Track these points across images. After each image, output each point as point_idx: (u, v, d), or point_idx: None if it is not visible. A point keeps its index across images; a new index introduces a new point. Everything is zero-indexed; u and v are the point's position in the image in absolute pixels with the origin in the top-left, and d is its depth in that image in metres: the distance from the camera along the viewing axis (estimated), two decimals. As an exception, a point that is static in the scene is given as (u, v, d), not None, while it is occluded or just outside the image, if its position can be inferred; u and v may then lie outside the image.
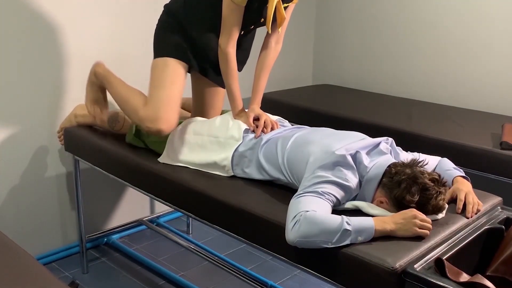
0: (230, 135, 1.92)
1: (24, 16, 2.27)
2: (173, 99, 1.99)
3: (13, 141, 2.37)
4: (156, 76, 2.04)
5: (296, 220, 1.42)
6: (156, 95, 1.99)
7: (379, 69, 3.40)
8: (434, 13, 3.06)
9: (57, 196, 2.57)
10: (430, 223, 1.43)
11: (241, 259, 2.60)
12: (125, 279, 2.47)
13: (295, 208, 1.47)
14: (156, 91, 2.00)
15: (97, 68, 2.21)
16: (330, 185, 1.53)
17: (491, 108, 2.88)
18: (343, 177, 1.55)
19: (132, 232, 2.91)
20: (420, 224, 1.40)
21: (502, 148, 2.20)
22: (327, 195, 1.51)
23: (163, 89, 1.99)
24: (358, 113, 2.77)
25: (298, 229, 1.41)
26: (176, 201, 1.92)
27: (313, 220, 1.40)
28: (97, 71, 2.21)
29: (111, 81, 2.17)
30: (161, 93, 1.99)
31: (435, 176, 1.51)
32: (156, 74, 2.04)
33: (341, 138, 1.71)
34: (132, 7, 2.63)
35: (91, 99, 2.26)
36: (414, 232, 1.40)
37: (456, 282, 1.22)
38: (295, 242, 1.42)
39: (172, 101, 1.99)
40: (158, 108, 1.96)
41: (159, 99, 1.97)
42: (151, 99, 1.99)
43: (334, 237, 1.37)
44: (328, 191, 1.52)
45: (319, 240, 1.39)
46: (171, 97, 1.99)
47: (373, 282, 1.32)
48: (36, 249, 2.51)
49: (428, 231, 1.41)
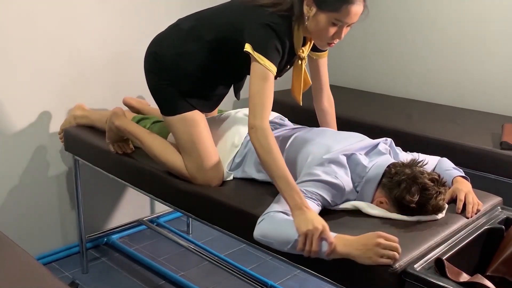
0: (230, 142, 1.90)
1: (24, 16, 2.27)
2: (210, 153, 1.82)
3: (13, 141, 2.37)
4: (181, 138, 1.85)
5: (263, 218, 1.48)
6: (195, 161, 1.81)
7: (379, 69, 3.40)
8: (434, 13, 3.06)
9: (57, 196, 2.57)
10: (397, 249, 1.30)
11: (241, 259, 2.59)
12: (125, 279, 2.47)
13: (273, 203, 1.52)
14: (193, 157, 1.82)
15: (117, 122, 2.01)
16: (319, 183, 1.54)
17: (491, 108, 2.88)
18: (332, 175, 1.55)
19: (132, 232, 2.90)
20: (382, 253, 1.29)
21: (502, 148, 2.20)
22: (312, 194, 1.52)
23: (197, 152, 1.81)
24: (358, 113, 2.76)
25: (260, 227, 1.48)
26: (176, 201, 1.92)
27: (272, 225, 1.46)
28: (119, 126, 2.01)
29: (140, 139, 1.98)
30: (199, 158, 1.81)
31: (434, 176, 1.52)
32: (179, 136, 1.85)
33: (341, 139, 1.72)
34: (132, 6, 2.63)
35: (113, 141, 2.08)
36: (374, 261, 1.29)
37: (456, 282, 1.23)
38: (256, 238, 1.49)
39: (211, 156, 1.82)
40: (205, 173, 1.80)
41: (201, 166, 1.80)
42: (192, 164, 1.82)
43: (287, 246, 1.42)
44: (313, 190, 1.53)
45: (275, 244, 1.45)
46: (208, 155, 1.81)
47: (373, 282, 1.32)
48: (36, 249, 2.51)
49: (394, 257, 1.29)
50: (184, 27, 1.86)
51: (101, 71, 2.58)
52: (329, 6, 1.60)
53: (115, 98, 2.58)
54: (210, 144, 1.85)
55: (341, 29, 1.65)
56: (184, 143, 1.84)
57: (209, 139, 1.85)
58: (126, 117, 2.08)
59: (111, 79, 2.63)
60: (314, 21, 1.64)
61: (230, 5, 1.84)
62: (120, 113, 2.05)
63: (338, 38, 1.67)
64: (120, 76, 2.65)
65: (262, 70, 1.61)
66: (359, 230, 1.47)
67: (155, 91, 1.91)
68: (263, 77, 1.61)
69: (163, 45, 1.89)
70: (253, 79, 1.63)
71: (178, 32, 1.87)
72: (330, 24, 1.63)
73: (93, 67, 2.54)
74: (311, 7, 1.63)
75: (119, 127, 2.02)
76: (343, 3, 1.59)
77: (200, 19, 1.86)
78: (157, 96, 1.91)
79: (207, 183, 1.82)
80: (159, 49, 1.89)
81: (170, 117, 1.86)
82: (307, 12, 1.64)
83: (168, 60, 1.85)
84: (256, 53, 1.62)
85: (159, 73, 1.87)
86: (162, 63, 1.86)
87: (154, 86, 1.91)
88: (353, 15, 1.61)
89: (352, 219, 1.55)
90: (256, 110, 1.60)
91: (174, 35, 1.88)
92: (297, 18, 1.68)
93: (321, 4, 1.61)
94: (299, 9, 1.66)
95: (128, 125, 2.02)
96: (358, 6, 1.60)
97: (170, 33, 1.91)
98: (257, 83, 1.62)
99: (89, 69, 2.53)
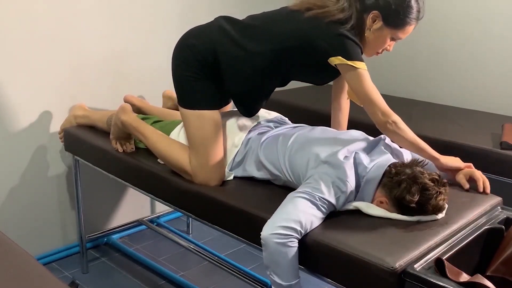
0: (231, 143, 1.91)
1: (24, 16, 2.27)
2: (218, 156, 1.85)
3: (13, 141, 2.37)
4: (194, 133, 1.86)
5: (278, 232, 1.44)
6: (201, 158, 1.83)
7: (379, 69, 3.39)
8: (434, 13, 3.06)
9: (57, 196, 2.57)
10: None
11: (241, 259, 2.59)
12: (125, 279, 2.47)
13: (285, 210, 1.49)
14: (200, 154, 1.83)
15: (123, 117, 2.03)
16: (330, 188, 1.53)
17: (491, 108, 2.88)
18: (344, 179, 1.55)
19: (132, 232, 2.90)
20: None
21: (502, 148, 2.20)
22: (322, 202, 1.51)
23: (206, 150, 1.83)
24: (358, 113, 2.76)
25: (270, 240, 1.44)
26: (176, 201, 1.92)
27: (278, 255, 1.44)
28: (124, 121, 2.02)
29: (145, 134, 1.99)
30: (205, 156, 1.82)
31: (435, 176, 1.52)
32: (193, 131, 1.86)
33: (343, 138, 1.72)
34: (132, 6, 2.63)
35: (117, 137, 2.11)
36: None
37: (456, 282, 1.23)
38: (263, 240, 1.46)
39: (218, 158, 1.85)
40: (208, 172, 1.82)
41: (206, 164, 1.82)
42: (197, 161, 1.83)
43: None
44: (324, 197, 1.52)
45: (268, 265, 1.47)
46: (215, 156, 1.84)
47: (373, 282, 1.32)
48: (36, 249, 2.51)
49: None
50: (233, 30, 1.82)
51: (101, 71, 2.58)
52: (395, 23, 1.72)
53: (115, 98, 2.58)
54: (220, 146, 1.87)
55: (393, 42, 1.79)
56: (196, 139, 1.85)
57: (220, 141, 1.87)
58: (133, 113, 2.08)
59: (112, 79, 2.63)
60: (376, 34, 1.74)
61: (288, 15, 1.80)
62: (127, 108, 2.06)
63: (387, 50, 1.81)
64: (120, 76, 2.64)
65: (362, 72, 1.68)
66: (359, 230, 1.47)
67: (179, 81, 1.89)
68: (365, 77, 1.69)
69: (220, 47, 1.82)
70: (359, 83, 1.69)
71: (228, 33, 1.82)
72: (389, 38, 1.76)
73: (93, 67, 2.54)
74: (376, 20, 1.72)
75: (124, 123, 2.03)
76: (408, 23, 1.73)
77: (252, 25, 1.83)
78: (180, 86, 1.89)
79: (206, 182, 1.82)
80: (207, 47, 1.82)
81: (188, 110, 1.86)
82: (370, 25, 1.73)
83: (223, 64, 1.82)
84: (350, 62, 1.67)
85: (193, 65, 1.83)
86: (205, 59, 1.82)
87: (180, 76, 1.88)
88: (409, 33, 1.76)
89: (352, 219, 1.54)
90: (382, 106, 1.68)
91: (236, 42, 1.81)
92: (353, 28, 1.72)
93: (389, 20, 1.72)
94: (357, 21, 1.72)
95: (133, 121, 2.03)
96: (415, 24, 1.76)
97: (215, 32, 1.85)
98: (365, 85, 1.68)
99: (90, 69, 2.53)
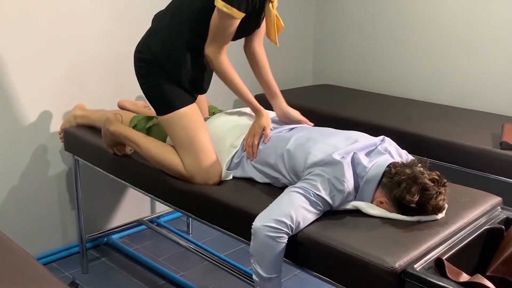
0: (229, 143, 1.91)
1: (24, 16, 2.27)
2: (208, 150, 1.86)
3: (13, 141, 2.37)
4: (179, 135, 1.87)
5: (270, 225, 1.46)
6: (193, 157, 1.84)
7: (379, 69, 3.40)
8: (434, 13, 3.06)
9: (57, 196, 2.57)
10: None
11: (241, 259, 2.59)
12: (125, 279, 2.47)
13: (280, 204, 1.51)
14: (192, 153, 1.84)
15: (111, 128, 2.02)
16: (326, 186, 1.54)
17: (491, 108, 2.88)
18: (340, 179, 1.55)
19: (132, 232, 2.91)
20: None
21: (502, 148, 2.20)
22: (316, 199, 1.52)
23: (195, 147, 1.85)
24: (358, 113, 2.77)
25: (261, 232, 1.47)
26: (176, 201, 1.92)
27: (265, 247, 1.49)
28: (113, 131, 2.02)
29: (136, 142, 1.98)
30: (197, 153, 1.84)
31: (435, 176, 1.52)
32: (176, 133, 1.88)
33: (342, 138, 1.72)
34: (132, 6, 2.63)
35: (111, 145, 2.09)
36: None
37: (456, 282, 1.22)
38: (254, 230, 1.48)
39: (209, 152, 1.86)
40: (203, 170, 1.83)
41: (199, 162, 1.83)
42: (190, 161, 1.84)
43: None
44: (320, 194, 1.52)
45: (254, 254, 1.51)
46: (206, 151, 1.85)
47: (373, 282, 1.32)
48: (36, 249, 2.51)
49: None
50: (162, 23, 1.91)
51: (101, 71, 2.58)
52: None
53: (115, 98, 2.58)
54: (207, 140, 1.88)
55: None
56: (182, 140, 1.86)
57: (206, 135, 1.88)
58: (120, 122, 2.09)
59: (112, 79, 2.63)
60: None
61: None
62: (112, 118, 2.07)
63: None
64: (120, 76, 2.65)
65: (225, 11, 1.74)
66: (359, 230, 1.47)
67: (148, 93, 1.94)
68: (223, 17, 1.75)
69: (150, 44, 1.91)
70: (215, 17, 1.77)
71: (160, 29, 1.91)
72: None
73: (93, 67, 2.55)
74: None
75: (113, 133, 2.03)
76: None
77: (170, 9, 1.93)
78: (151, 97, 1.93)
79: (206, 181, 1.83)
80: (145, 49, 1.91)
81: (167, 115, 1.88)
82: None
83: (158, 54, 1.88)
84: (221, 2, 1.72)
85: (149, 72, 1.91)
86: (151, 61, 1.89)
87: (147, 88, 1.93)
88: None
89: (352, 219, 1.54)
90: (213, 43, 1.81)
91: (155, 33, 1.93)
92: None
93: None
94: None
95: (123, 130, 2.02)
96: None
97: (150, 34, 1.95)
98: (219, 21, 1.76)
99: (89, 69, 2.54)
